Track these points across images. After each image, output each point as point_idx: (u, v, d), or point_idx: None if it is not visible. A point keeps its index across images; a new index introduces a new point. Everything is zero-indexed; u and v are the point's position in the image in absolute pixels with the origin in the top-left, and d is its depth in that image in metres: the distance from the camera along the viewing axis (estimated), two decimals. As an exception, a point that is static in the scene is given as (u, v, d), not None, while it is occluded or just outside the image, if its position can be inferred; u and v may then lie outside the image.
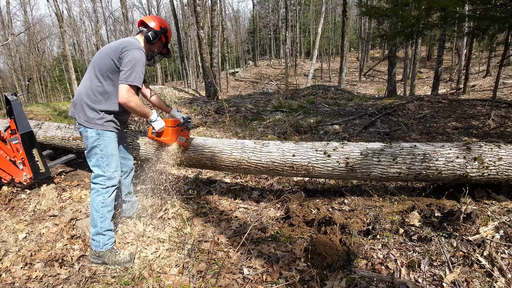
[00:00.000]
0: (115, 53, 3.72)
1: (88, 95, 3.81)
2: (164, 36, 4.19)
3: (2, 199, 5.40)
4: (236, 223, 4.48)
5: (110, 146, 3.93)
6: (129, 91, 3.67)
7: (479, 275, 2.99)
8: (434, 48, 41.83)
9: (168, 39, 4.29)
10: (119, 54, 3.71)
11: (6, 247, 4.21)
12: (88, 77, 3.87)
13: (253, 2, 60.80)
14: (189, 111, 11.50)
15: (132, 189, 4.69)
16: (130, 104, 3.70)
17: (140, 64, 3.73)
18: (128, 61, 3.67)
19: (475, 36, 9.30)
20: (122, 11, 29.81)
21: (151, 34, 4.01)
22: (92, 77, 3.83)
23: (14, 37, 39.44)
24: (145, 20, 4.14)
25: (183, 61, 38.62)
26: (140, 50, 3.78)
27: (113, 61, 3.73)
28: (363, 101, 14.84)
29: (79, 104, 3.85)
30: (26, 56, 49.28)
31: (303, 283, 3.18)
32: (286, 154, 4.47)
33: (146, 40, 4.03)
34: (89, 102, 3.79)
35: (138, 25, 4.23)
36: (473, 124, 8.17)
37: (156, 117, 4.09)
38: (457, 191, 4.21)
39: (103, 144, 3.87)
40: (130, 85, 3.65)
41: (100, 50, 3.95)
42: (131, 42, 3.84)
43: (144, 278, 3.49)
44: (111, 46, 3.86)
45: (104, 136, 3.86)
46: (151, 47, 4.14)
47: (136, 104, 3.75)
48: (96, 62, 3.85)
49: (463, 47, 24.85)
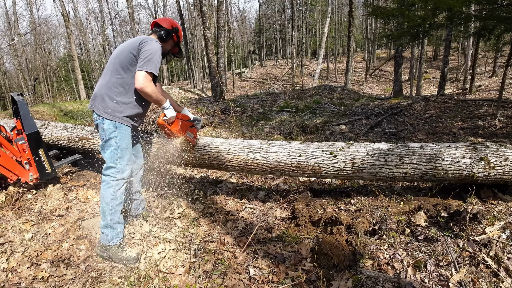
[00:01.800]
0: (134, 46, 3.87)
1: (109, 88, 3.92)
2: (176, 35, 4.37)
3: (8, 199, 5.42)
4: (242, 223, 4.49)
5: (125, 139, 4.01)
6: (146, 77, 3.77)
7: (485, 275, 2.99)
8: (440, 48, 41.73)
9: (180, 38, 4.45)
10: (138, 46, 3.86)
11: (13, 247, 4.23)
12: (109, 71, 3.97)
13: (259, 2, 60.89)
14: (195, 111, 11.52)
15: (140, 188, 4.71)
16: (146, 90, 3.79)
17: (157, 54, 3.87)
18: (146, 50, 3.82)
19: (481, 36, 9.26)
20: (128, 11, 29.92)
21: (164, 32, 4.19)
22: (112, 71, 3.94)
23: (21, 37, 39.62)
24: (158, 21, 4.35)
25: (189, 61, 38.71)
26: (157, 42, 3.95)
27: (132, 53, 3.86)
28: (369, 101, 14.82)
29: (99, 96, 3.95)
30: (32, 56, 49.51)
31: (309, 283, 3.18)
32: (292, 154, 4.48)
33: (159, 38, 4.16)
34: (110, 94, 3.91)
35: (151, 26, 4.42)
36: (479, 124, 8.15)
37: (169, 105, 4.12)
38: (463, 191, 4.20)
39: (119, 136, 3.94)
40: (147, 72, 3.77)
41: (119, 47, 4.09)
42: (149, 37, 3.99)
43: (151, 278, 3.50)
44: (130, 41, 4.03)
45: (121, 129, 3.93)
46: (164, 45, 4.22)
47: (152, 90, 3.84)
48: (116, 56, 3.98)
49: (469, 47, 24.78)
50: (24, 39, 46.03)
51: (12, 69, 53.59)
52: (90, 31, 58.46)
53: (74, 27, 46.51)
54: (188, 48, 36.30)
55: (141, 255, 3.90)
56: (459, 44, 33.96)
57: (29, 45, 50.61)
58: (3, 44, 46.58)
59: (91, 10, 60.23)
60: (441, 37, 29.02)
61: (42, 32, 52.51)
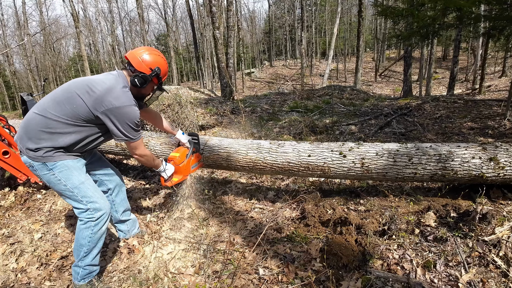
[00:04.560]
0: (96, 104, 3.16)
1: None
2: (157, 77, 3.53)
3: (18, 199, 5.47)
4: (251, 224, 4.50)
5: (73, 175, 3.35)
6: (139, 146, 3.46)
7: (494, 275, 2.99)
8: (450, 48, 41.67)
9: (163, 77, 3.63)
10: (102, 108, 3.17)
11: (22, 247, 4.27)
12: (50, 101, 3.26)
13: (268, 2, 60.93)
14: (204, 111, 11.53)
15: (128, 206, 4.27)
16: (142, 159, 3.57)
17: (134, 120, 3.28)
18: (121, 120, 3.22)
19: (491, 37, 9.23)
20: (137, 12, 30.14)
21: (138, 80, 3.38)
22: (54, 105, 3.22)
23: (30, 38, 39.94)
24: (130, 60, 3.45)
25: (199, 62, 38.81)
26: (131, 107, 3.27)
27: (89, 109, 3.18)
28: (379, 102, 14.78)
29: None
30: (41, 57, 49.78)
31: (318, 283, 3.19)
32: (301, 155, 4.48)
33: (132, 84, 3.40)
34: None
35: (125, 58, 3.53)
36: (489, 125, 8.11)
37: (164, 168, 3.85)
38: (472, 192, 4.19)
39: (62, 177, 3.31)
40: (135, 140, 3.38)
41: (78, 84, 3.29)
42: (117, 93, 3.23)
43: (160, 278, 3.52)
44: (91, 90, 3.19)
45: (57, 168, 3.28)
46: (140, 91, 3.53)
47: (147, 159, 3.60)
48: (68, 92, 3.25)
49: (479, 47, 24.62)
50: (34, 39, 46.38)
51: (21, 69, 54.01)
52: (100, 31, 58.71)
53: (84, 27, 46.73)
54: (198, 49, 36.38)
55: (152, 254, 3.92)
56: (468, 44, 33.83)
57: (38, 45, 50.93)
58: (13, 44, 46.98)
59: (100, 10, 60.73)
60: (450, 37, 28.92)
61: (51, 32, 52.80)
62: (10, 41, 48.07)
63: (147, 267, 3.72)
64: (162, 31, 72.07)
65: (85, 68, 26.57)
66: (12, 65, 43.04)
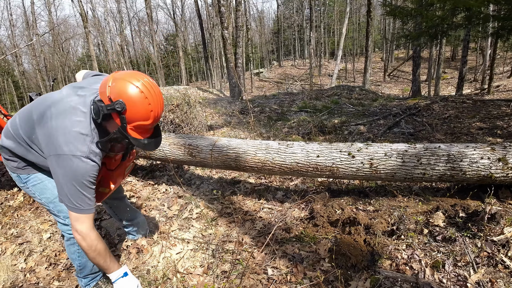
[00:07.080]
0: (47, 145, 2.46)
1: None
2: (119, 116, 2.35)
3: (26, 199, 5.48)
4: (260, 224, 4.50)
5: (47, 189, 2.90)
6: (82, 221, 2.53)
7: (503, 275, 2.99)
8: (459, 48, 41.36)
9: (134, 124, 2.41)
10: (49, 152, 2.44)
11: (31, 247, 4.29)
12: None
13: (277, 2, 60.71)
14: (213, 111, 11.56)
15: (134, 211, 4.02)
16: (81, 243, 2.57)
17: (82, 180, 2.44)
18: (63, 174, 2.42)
19: (500, 37, 9.22)
20: (146, 12, 30.20)
21: (94, 108, 2.41)
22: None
23: (39, 37, 40.09)
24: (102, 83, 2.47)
25: (208, 62, 38.87)
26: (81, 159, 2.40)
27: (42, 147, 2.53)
28: (388, 102, 14.74)
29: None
30: (50, 56, 50.02)
31: (327, 283, 3.19)
32: (310, 155, 4.48)
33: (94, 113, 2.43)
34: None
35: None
36: (498, 125, 8.08)
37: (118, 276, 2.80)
38: (481, 192, 4.18)
39: (35, 190, 2.91)
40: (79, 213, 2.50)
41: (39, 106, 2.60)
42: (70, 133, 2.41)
43: (168, 278, 3.53)
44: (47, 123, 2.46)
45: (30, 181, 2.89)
46: (103, 125, 2.57)
47: (90, 246, 2.57)
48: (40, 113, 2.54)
49: (488, 47, 24.60)
50: (43, 39, 46.60)
51: (30, 69, 54.31)
52: (108, 31, 58.93)
53: (92, 27, 46.79)
54: (207, 49, 36.44)
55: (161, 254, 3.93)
56: (477, 44, 33.68)
57: (47, 45, 51.17)
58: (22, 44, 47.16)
59: (109, 10, 60.65)
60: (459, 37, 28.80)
61: (60, 32, 52.98)
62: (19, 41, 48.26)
63: (156, 267, 3.71)
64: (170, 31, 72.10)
65: (94, 68, 26.75)
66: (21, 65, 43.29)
